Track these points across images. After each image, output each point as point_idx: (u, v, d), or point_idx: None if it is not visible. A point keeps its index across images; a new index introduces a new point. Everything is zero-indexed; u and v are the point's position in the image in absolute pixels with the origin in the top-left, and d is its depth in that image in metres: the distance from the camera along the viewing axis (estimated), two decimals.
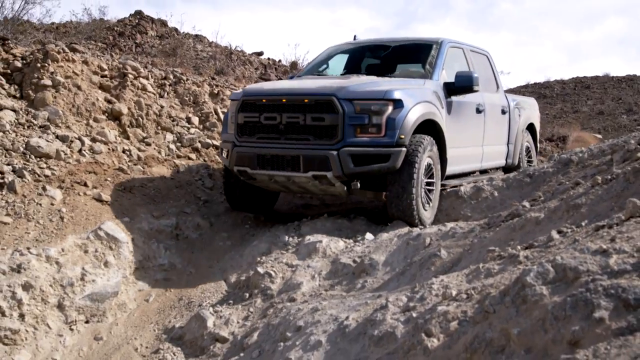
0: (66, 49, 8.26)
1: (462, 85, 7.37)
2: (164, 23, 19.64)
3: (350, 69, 8.59)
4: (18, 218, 5.90)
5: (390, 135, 6.19)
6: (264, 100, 6.60)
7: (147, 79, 9.00)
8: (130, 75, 8.69)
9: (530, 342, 2.33)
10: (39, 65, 7.77)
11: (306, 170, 6.26)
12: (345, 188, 6.41)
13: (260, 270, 5.77)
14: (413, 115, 6.39)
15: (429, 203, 6.73)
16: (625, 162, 4.84)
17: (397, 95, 6.30)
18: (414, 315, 3.36)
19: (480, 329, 2.56)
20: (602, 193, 4.09)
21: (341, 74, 8.36)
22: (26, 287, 5.29)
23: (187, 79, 9.68)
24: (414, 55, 8.27)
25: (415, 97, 6.56)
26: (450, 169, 7.34)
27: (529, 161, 10.07)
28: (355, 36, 9.26)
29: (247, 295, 5.60)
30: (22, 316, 5.19)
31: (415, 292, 3.73)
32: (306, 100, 6.33)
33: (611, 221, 3.13)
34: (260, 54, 18.51)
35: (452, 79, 7.49)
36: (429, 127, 6.80)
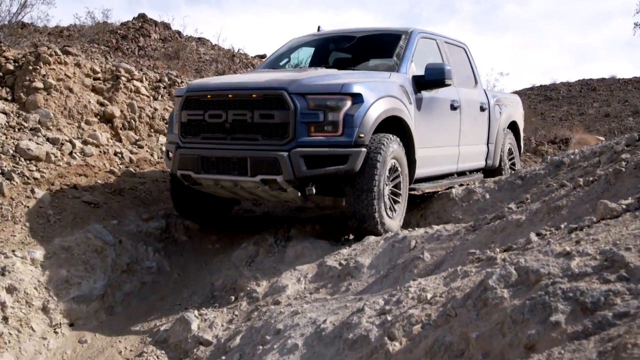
0: (58, 52, 8.26)
1: (432, 78, 6.81)
2: (167, 26, 19.71)
3: (317, 63, 7.98)
4: (4, 220, 5.89)
5: (348, 133, 5.61)
6: (208, 96, 6.00)
7: (141, 81, 9.00)
8: (123, 78, 8.69)
9: (488, 347, 2.28)
10: (30, 67, 7.77)
11: (254, 174, 5.68)
12: (300, 194, 5.81)
13: (247, 273, 5.75)
14: (374, 112, 5.82)
15: (394, 210, 6.19)
16: (611, 163, 4.79)
17: (356, 89, 5.73)
18: (389, 318, 3.32)
19: (441, 333, 2.52)
20: (583, 195, 4.04)
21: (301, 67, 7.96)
22: (10, 289, 5.27)
23: (182, 82, 9.67)
24: (381, 46, 7.62)
25: (377, 91, 6.00)
26: (421, 172, 6.82)
27: (511, 163, 9.51)
28: (319, 27, 8.67)
29: (233, 298, 5.57)
30: (5, 319, 5.16)
31: (392, 295, 3.69)
32: (254, 96, 5.72)
33: (584, 223, 3.08)
34: (263, 56, 18.51)
35: (422, 73, 6.92)
36: (395, 126, 6.29)
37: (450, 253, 4.59)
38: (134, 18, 19.19)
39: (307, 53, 8.43)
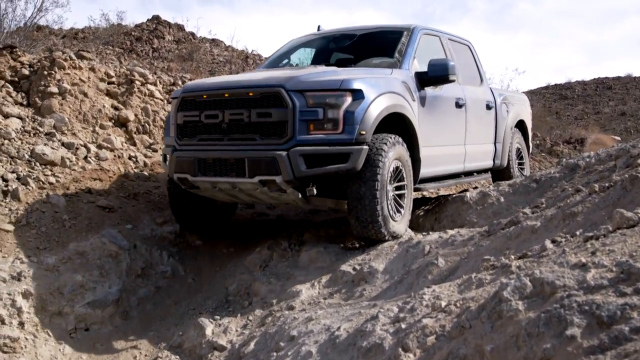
0: (73, 56, 8.31)
1: (436, 74, 6.62)
2: (180, 27, 19.82)
3: (318, 63, 7.69)
4: (21, 226, 5.93)
5: (349, 131, 5.42)
6: (204, 96, 5.83)
7: (155, 85, 9.03)
8: (137, 82, 8.72)
9: None
10: (45, 72, 7.82)
11: (252, 175, 5.50)
12: (300, 195, 5.63)
13: (260, 278, 5.75)
14: (376, 108, 5.63)
15: (399, 212, 5.98)
16: (627, 168, 4.74)
17: (356, 85, 5.55)
18: (403, 326, 3.30)
19: (455, 345, 2.50)
20: (599, 201, 4.01)
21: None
22: (26, 295, 5.31)
23: None
24: (382, 44, 7.38)
25: (378, 87, 5.80)
26: (426, 171, 6.63)
27: (520, 163, 9.29)
28: (319, 26, 8.50)
29: (247, 303, 5.58)
30: (21, 324, 5.20)
31: (407, 302, 3.67)
32: (251, 94, 5.55)
33: (599, 232, 3.05)
34: None
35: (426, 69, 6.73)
36: (398, 124, 6.13)
37: (465, 259, 4.57)
38: (148, 20, 19.31)
39: (307, 53, 8.26)
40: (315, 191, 5.60)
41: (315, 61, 7.82)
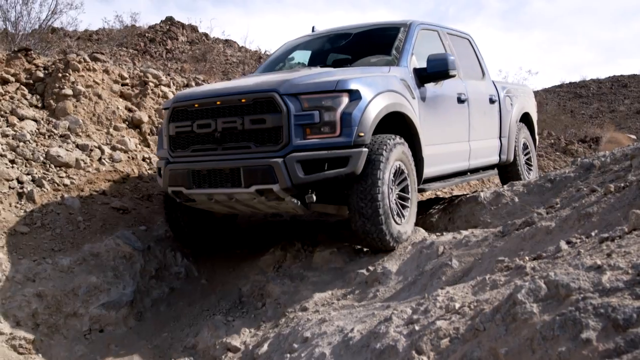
0: (87, 59, 8.35)
1: (435, 70, 6.42)
2: (194, 29, 19.90)
3: (315, 64, 7.44)
4: (36, 227, 5.97)
5: (347, 133, 5.21)
6: (196, 105, 5.62)
7: (169, 86, 9.05)
8: (151, 83, 8.76)
9: None
10: (60, 75, 7.87)
11: (248, 184, 5.28)
12: (299, 202, 5.41)
13: (274, 279, 5.75)
14: (374, 108, 5.43)
15: (402, 215, 5.75)
16: None
17: (352, 85, 5.33)
18: (416, 328, 3.28)
19: (469, 348, 2.49)
20: (615, 202, 3.97)
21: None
22: (41, 296, 5.35)
23: None
24: (379, 41, 7.15)
25: (376, 86, 5.61)
26: (430, 171, 6.45)
27: (527, 158, 9.06)
28: (313, 27, 8.31)
29: (261, 304, 5.58)
30: (37, 325, 5.25)
31: (420, 304, 3.65)
32: (243, 100, 5.34)
33: (614, 233, 3.02)
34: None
35: (425, 66, 6.54)
36: (398, 123, 5.96)
37: (479, 260, 4.54)
38: (161, 21, 19.41)
39: (303, 55, 8.02)
40: (314, 198, 5.40)
41: (312, 63, 7.64)
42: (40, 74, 8.01)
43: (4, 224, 5.83)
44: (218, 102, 5.49)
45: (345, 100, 5.27)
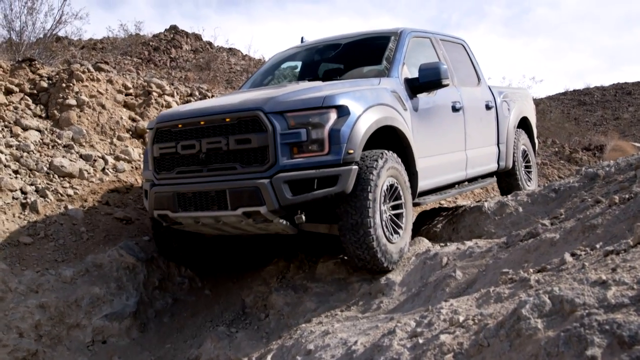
0: (91, 69, 8.37)
1: (427, 80, 6.19)
2: (198, 37, 19.98)
3: (305, 75, 7.41)
4: (39, 238, 5.97)
5: (336, 151, 5.02)
6: (179, 126, 5.44)
7: (172, 96, 9.06)
8: (154, 93, 8.76)
9: None
10: (64, 85, 7.89)
11: (235, 207, 5.10)
12: (288, 223, 5.23)
13: (277, 289, 5.73)
14: (364, 124, 5.24)
15: (397, 233, 5.54)
16: None
17: (340, 100, 5.16)
18: (420, 342, 3.26)
19: None
20: (619, 213, 3.94)
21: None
22: (44, 307, 5.34)
23: (213, 95, 9.72)
24: (369, 51, 6.97)
25: (365, 100, 5.43)
26: (425, 183, 6.26)
27: (526, 165, 8.82)
28: (302, 38, 8.14)
29: (264, 315, 5.56)
30: (39, 337, 5.23)
31: (424, 316, 3.63)
32: (228, 120, 5.17)
33: (619, 247, 3.00)
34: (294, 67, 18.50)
35: (417, 75, 6.31)
36: (390, 137, 5.78)
37: (483, 272, 4.52)
38: (165, 30, 19.49)
39: (293, 67, 7.89)
40: (304, 218, 5.21)
41: (302, 75, 7.52)
42: (44, 84, 8.02)
43: (8, 235, 5.84)
44: (202, 122, 5.32)
45: (333, 116, 5.10)
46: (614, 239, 3.66)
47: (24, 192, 6.33)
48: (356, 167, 5.12)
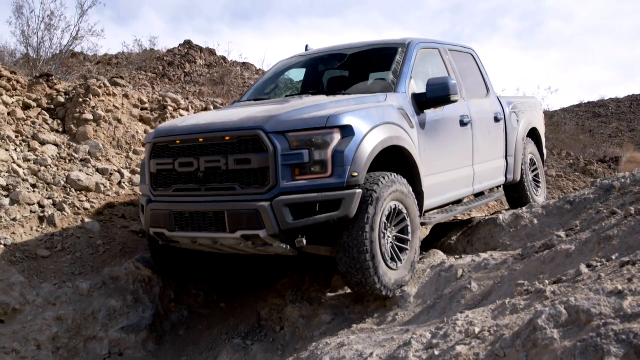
0: (107, 84, 8.47)
1: (435, 95, 5.94)
2: (212, 52, 20.11)
3: (308, 86, 7.22)
4: (56, 251, 6.02)
5: (339, 174, 4.79)
6: (177, 142, 5.24)
7: (187, 110, 9.15)
8: (170, 107, 8.85)
9: None
10: (81, 100, 7.98)
11: (233, 229, 4.88)
12: (289, 247, 5.00)
13: (292, 302, 5.75)
14: (369, 145, 5.01)
15: (399, 259, 5.29)
16: None
17: (345, 120, 4.93)
18: (436, 353, 3.27)
19: None
20: (635, 224, 3.94)
21: (287, 95, 6.95)
22: (61, 319, 5.38)
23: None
24: (375, 63, 6.83)
25: (371, 119, 5.19)
26: (431, 202, 6.05)
27: (535, 175, 8.59)
28: (307, 46, 7.81)
29: (279, 328, 5.58)
30: (57, 349, 5.27)
31: (440, 328, 3.64)
32: (227, 138, 4.95)
33: (635, 257, 3.00)
34: None
35: (424, 89, 6.06)
36: (395, 155, 5.53)
37: (498, 283, 4.52)
38: (180, 45, 19.64)
39: (296, 77, 7.69)
40: (305, 242, 4.97)
41: (305, 86, 7.34)
42: (62, 99, 8.13)
43: (26, 248, 5.90)
44: (201, 140, 5.11)
45: (337, 137, 4.87)
46: (630, 250, 3.65)
47: (41, 206, 6.40)
48: (360, 190, 4.90)
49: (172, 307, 6.13)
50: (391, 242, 5.24)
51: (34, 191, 6.52)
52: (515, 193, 8.23)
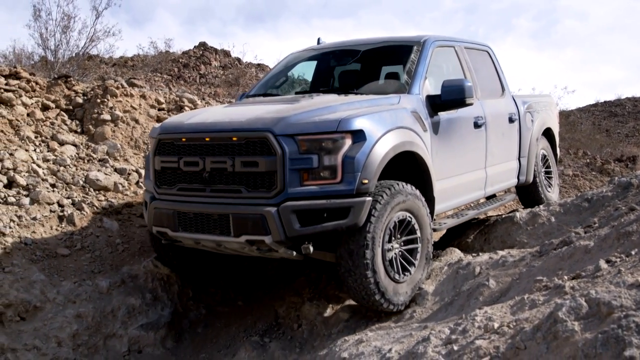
0: (125, 84, 8.54)
1: (450, 98, 5.74)
2: (227, 53, 20.15)
3: (319, 83, 7.10)
4: (76, 250, 6.08)
5: (349, 180, 4.62)
6: (183, 140, 5.08)
7: None
8: (186, 108, 8.90)
9: None
10: (98, 100, 8.06)
11: (238, 233, 4.72)
12: (295, 253, 4.81)
13: (309, 300, 5.77)
14: (381, 150, 4.83)
15: (406, 271, 5.11)
16: None
17: (357, 124, 4.75)
18: (455, 348, 3.28)
19: None
20: None
21: (297, 92, 6.86)
22: (81, 317, 5.43)
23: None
24: (389, 61, 6.67)
25: (383, 123, 5.01)
26: (442, 207, 5.91)
27: (547, 174, 8.39)
28: (319, 39, 7.56)
29: (297, 325, 5.60)
30: (77, 346, 5.32)
31: (458, 324, 3.64)
32: (234, 139, 4.77)
33: None
34: None
35: (439, 89, 5.86)
36: (406, 160, 5.33)
37: (517, 280, 4.51)
38: (195, 47, 19.69)
39: (307, 70, 7.50)
40: (311, 249, 4.77)
41: (315, 82, 7.22)
42: (80, 100, 8.20)
43: (46, 246, 5.96)
44: (207, 139, 4.94)
45: (348, 142, 4.70)
46: None
47: (61, 205, 6.46)
48: (370, 198, 4.72)
49: (190, 305, 6.17)
50: (397, 254, 5.07)
51: (53, 191, 6.59)
52: (528, 194, 8.10)
